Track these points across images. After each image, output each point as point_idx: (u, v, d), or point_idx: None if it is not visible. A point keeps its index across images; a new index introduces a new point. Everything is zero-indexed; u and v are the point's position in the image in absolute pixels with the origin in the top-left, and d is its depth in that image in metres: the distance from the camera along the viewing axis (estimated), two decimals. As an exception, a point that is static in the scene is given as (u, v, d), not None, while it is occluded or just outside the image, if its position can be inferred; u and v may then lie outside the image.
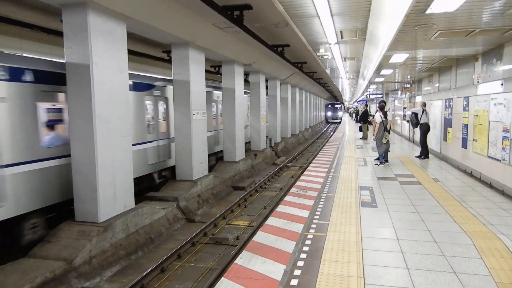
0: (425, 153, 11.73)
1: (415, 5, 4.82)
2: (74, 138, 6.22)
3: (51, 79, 6.70)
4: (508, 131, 6.69)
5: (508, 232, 4.97)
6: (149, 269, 5.64)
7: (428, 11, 5.19)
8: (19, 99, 6.11)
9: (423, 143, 11.74)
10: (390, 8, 6.02)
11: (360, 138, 18.89)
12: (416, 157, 11.84)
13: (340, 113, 51.65)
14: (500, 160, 7.08)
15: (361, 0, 6.63)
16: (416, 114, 11.60)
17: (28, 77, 6.29)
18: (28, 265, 5.19)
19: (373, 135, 10.82)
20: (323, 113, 53.64)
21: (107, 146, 6.37)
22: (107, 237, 6.06)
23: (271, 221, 5.87)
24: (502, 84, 7.04)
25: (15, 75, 6.06)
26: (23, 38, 8.39)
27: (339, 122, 45.80)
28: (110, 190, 6.48)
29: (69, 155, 6.37)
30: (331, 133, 30.05)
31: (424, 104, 11.93)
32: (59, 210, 6.87)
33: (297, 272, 3.96)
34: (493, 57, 8.22)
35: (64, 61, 6.13)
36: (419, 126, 11.65)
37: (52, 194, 6.63)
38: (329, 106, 53.83)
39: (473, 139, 8.59)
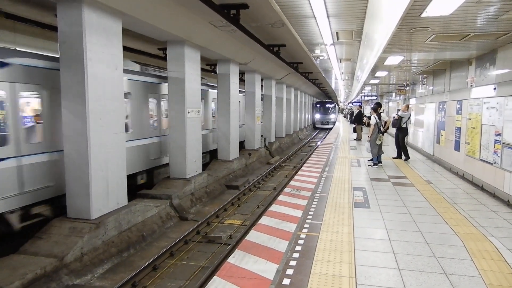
0: (405, 154, 11.99)
1: (410, 8, 4.85)
2: (67, 134, 6.16)
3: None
4: (500, 135, 6.77)
5: (498, 234, 5.03)
6: (141, 267, 5.61)
7: (424, 15, 5.23)
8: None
9: (402, 145, 12.06)
10: (386, 10, 6.05)
11: (354, 139, 18.97)
12: (403, 159, 11.92)
13: (332, 116, 39.56)
14: (491, 163, 7.16)
15: (357, 2, 6.66)
16: (401, 118, 11.77)
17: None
18: (18, 261, 5.14)
19: (368, 136, 10.89)
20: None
21: (100, 142, 6.33)
22: (99, 234, 6.02)
23: (264, 220, 5.88)
24: (495, 89, 7.12)
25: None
26: (17, 32, 8.30)
27: (331, 128, 34.43)
28: (103, 187, 6.44)
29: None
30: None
31: (407, 107, 12.15)
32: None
33: (290, 271, 3.97)
34: (487, 62, 8.31)
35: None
36: (399, 129, 11.95)
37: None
38: (319, 105, 40.62)
39: (466, 142, 8.68)
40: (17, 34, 8.28)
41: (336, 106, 43.84)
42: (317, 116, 40.32)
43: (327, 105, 40.00)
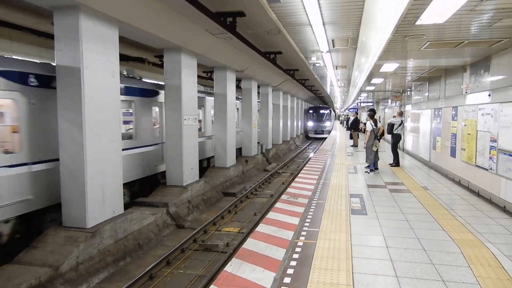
0: (396, 161, 11.97)
1: (405, 16, 4.90)
2: (63, 142, 6.14)
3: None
4: (495, 141, 6.81)
5: (495, 240, 5.03)
6: (138, 276, 5.56)
7: (418, 22, 5.28)
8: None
9: (393, 151, 12.10)
10: (381, 18, 6.11)
11: (351, 146, 19.01)
12: (392, 165, 11.94)
13: (327, 124, 34.42)
14: (487, 169, 7.19)
15: (353, 10, 6.71)
16: (393, 125, 11.85)
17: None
18: (12, 271, 5.07)
19: (365, 143, 10.92)
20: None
21: (97, 150, 6.30)
22: (94, 243, 5.96)
23: (261, 228, 5.85)
24: (489, 95, 7.18)
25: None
26: (13, 40, 8.29)
27: (325, 138, 28.55)
28: (99, 195, 6.39)
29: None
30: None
31: (401, 113, 12.22)
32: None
33: (287, 279, 3.95)
34: (481, 68, 8.39)
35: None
36: (391, 135, 12.07)
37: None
38: (311, 111, 35.36)
39: (461, 148, 8.72)
40: (13, 42, 8.27)
41: (332, 112, 39.49)
42: (310, 124, 34.96)
43: (321, 111, 35.12)
